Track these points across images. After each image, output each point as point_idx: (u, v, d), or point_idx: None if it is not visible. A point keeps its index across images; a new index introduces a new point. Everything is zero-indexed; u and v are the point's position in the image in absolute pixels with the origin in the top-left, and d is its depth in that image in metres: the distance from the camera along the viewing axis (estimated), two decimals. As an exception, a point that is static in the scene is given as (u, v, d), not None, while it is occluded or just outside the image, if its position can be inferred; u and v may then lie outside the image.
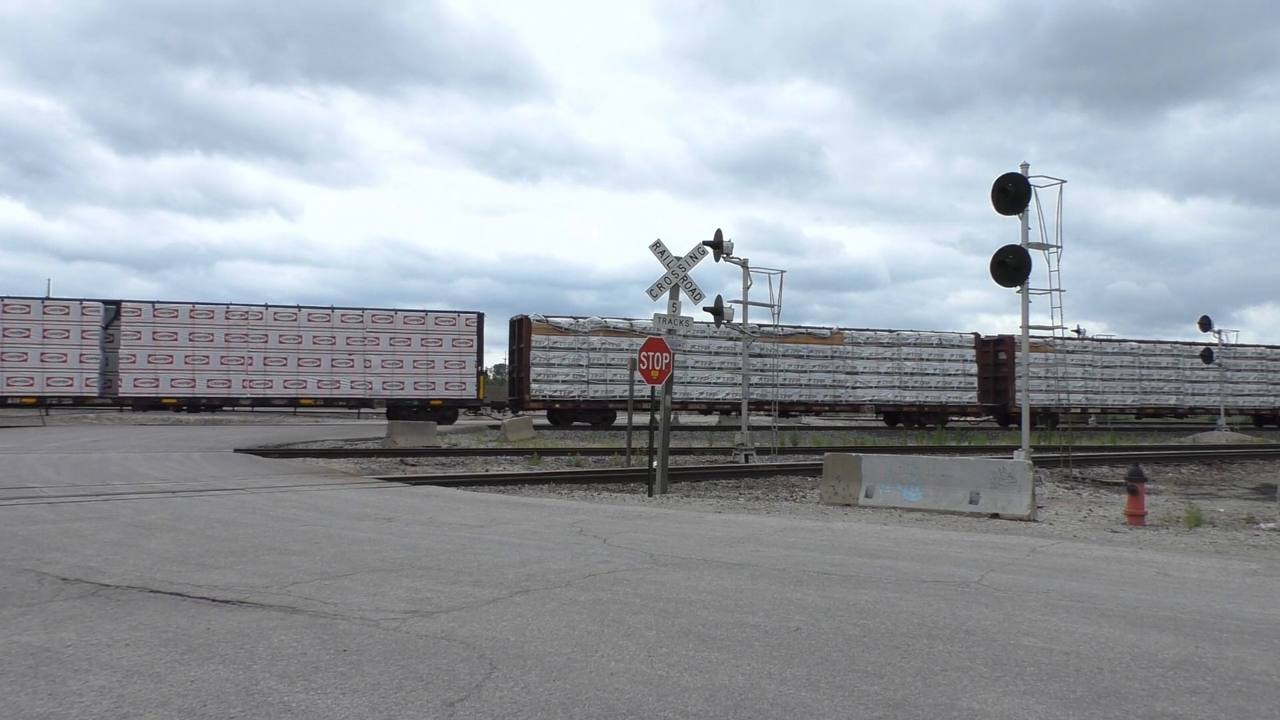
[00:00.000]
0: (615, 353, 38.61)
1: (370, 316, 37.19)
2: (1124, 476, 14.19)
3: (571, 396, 38.07)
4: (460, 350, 37.88)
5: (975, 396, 44.00)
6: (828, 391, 41.96)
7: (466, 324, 38.11)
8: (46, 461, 17.03)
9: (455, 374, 37.79)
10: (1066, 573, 7.09)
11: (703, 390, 40.19)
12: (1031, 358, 44.31)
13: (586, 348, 38.39)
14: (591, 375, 38.44)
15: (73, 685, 3.95)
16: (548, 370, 37.77)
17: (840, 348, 42.21)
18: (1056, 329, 17.47)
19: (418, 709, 3.68)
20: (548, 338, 37.87)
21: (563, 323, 38.27)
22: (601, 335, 38.71)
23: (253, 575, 6.49)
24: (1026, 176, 16.36)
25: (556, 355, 37.95)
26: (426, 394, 37.49)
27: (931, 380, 43.40)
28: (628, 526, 9.55)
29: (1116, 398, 47.14)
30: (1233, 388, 48.85)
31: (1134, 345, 48.15)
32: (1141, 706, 3.82)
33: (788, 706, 3.76)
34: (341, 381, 36.67)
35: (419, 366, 37.40)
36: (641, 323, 39.68)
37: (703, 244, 15.85)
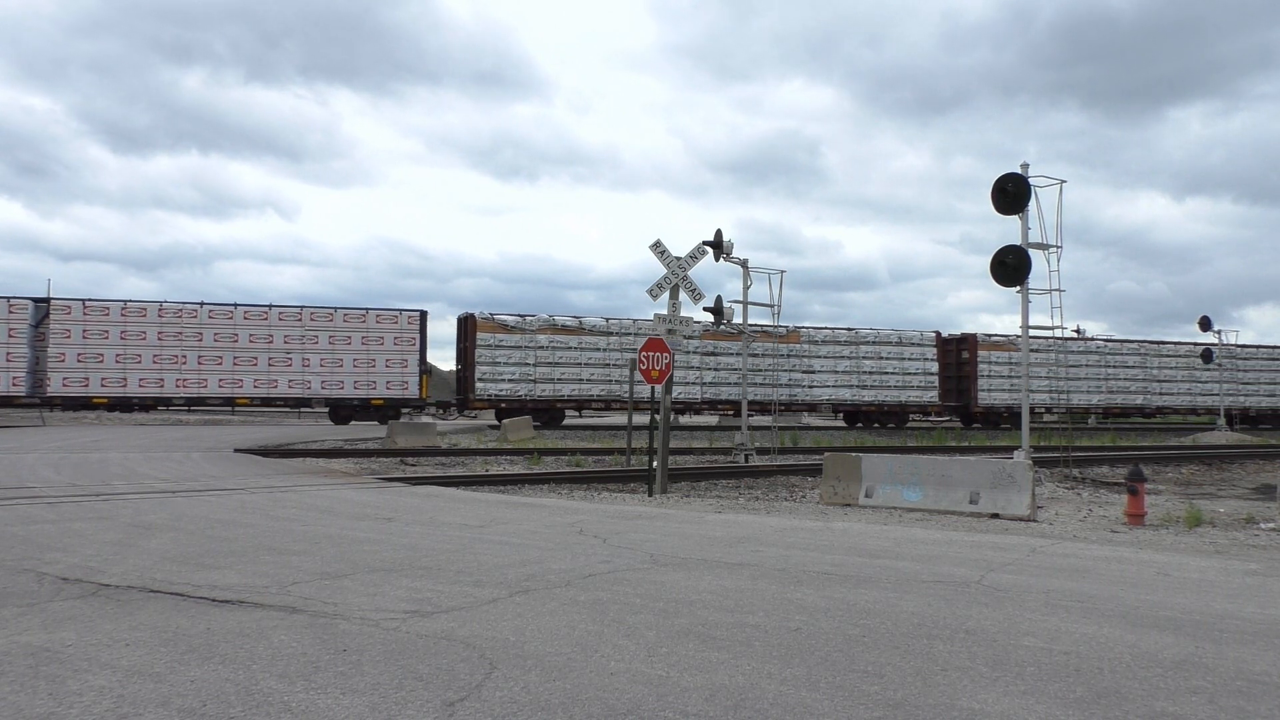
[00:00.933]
0: (564, 351, 38.11)
1: (309, 314, 36.65)
2: (1124, 476, 14.19)
3: (518, 396, 37.45)
4: (402, 349, 37.31)
5: (936, 395, 43.46)
6: (784, 390, 41.12)
7: (409, 322, 37.50)
8: (46, 461, 17.03)
9: (397, 373, 37.25)
10: (1066, 573, 7.09)
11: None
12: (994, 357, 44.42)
13: (534, 346, 37.78)
14: (539, 374, 37.79)
15: (73, 685, 3.95)
16: (493, 369, 37.21)
17: (797, 346, 41.65)
18: (1056, 329, 17.46)
19: (418, 709, 3.68)
20: (493, 336, 37.30)
21: (509, 320, 37.70)
22: (550, 333, 38.07)
23: (253, 575, 6.49)
24: (1026, 176, 16.36)
25: (503, 354, 37.36)
26: (367, 393, 36.95)
27: (891, 379, 42.89)
28: (628, 526, 9.55)
29: (1082, 397, 46.48)
30: (1201, 388, 48.26)
31: (1100, 344, 47.52)
32: (1141, 706, 3.82)
33: (788, 706, 3.76)
34: (279, 381, 36.06)
35: (360, 365, 36.88)
36: (591, 321, 38.92)
37: (703, 244, 15.86)
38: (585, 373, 38.42)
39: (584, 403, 38.70)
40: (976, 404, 43.86)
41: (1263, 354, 50.15)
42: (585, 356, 38.48)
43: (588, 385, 38.45)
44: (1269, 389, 49.90)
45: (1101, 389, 46.61)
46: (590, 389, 38.50)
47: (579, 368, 38.36)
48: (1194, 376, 47.61)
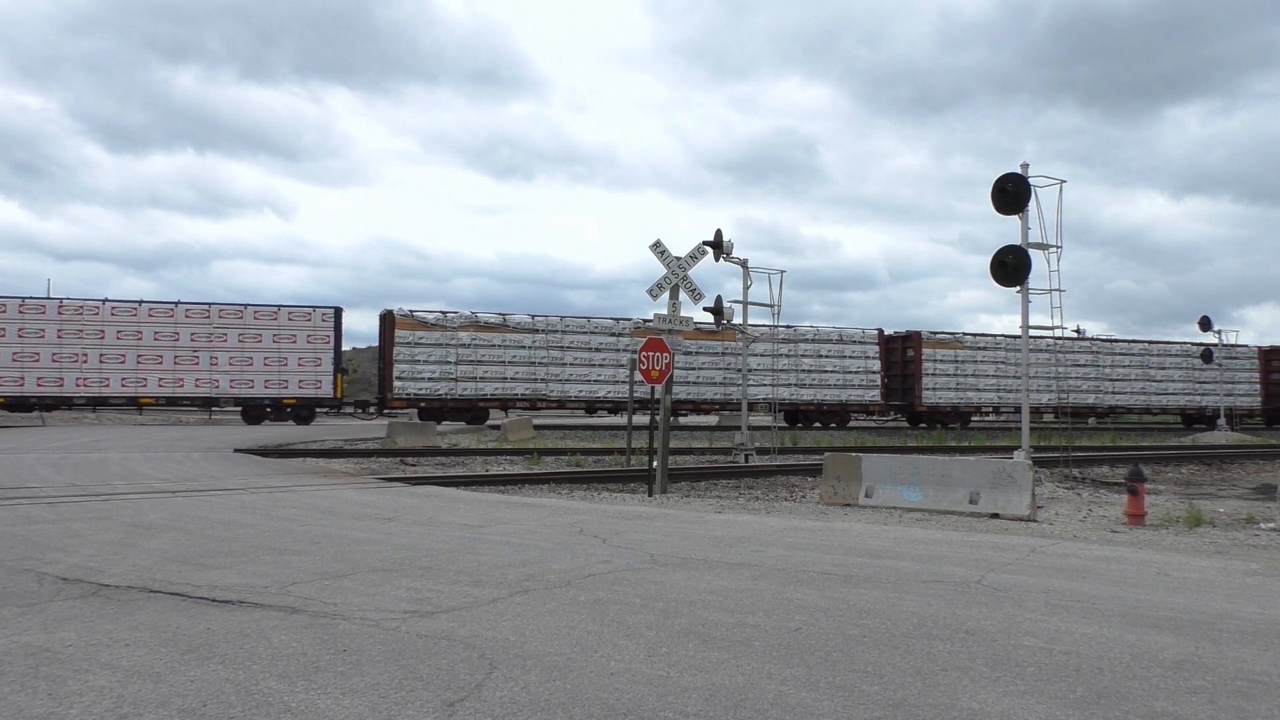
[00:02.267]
0: (487, 349, 37.37)
1: (218, 311, 36.00)
2: (1124, 476, 14.19)
3: (438, 395, 36.64)
4: (316, 347, 36.64)
5: (879, 394, 42.81)
6: (718, 389, 40.42)
7: (323, 319, 36.84)
8: (46, 461, 17.03)
9: (310, 371, 36.52)
10: (1066, 573, 7.09)
11: (582, 388, 38.65)
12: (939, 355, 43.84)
13: (455, 344, 36.98)
14: (460, 372, 36.97)
15: (73, 685, 3.95)
16: (412, 367, 36.41)
17: (732, 344, 40.33)
18: (1056, 329, 17.45)
19: (418, 709, 3.68)
20: (412, 333, 36.49)
21: (429, 317, 36.97)
22: (472, 331, 37.29)
23: (253, 575, 6.49)
24: (1026, 176, 16.36)
25: (422, 351, 36.56)
26: (279, 392, 36.31)
27: (831, 378, 42.01)
28: (628, 526, 9.55)
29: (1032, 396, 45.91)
30: (1156, 386, 47.63)
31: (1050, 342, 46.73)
32: (1141, 706, 3.82)
33: (788, 706, 3.76)
34: (185, 379, 35.39)
35: (270, 364, 36.10)
36: (515, 318, 38.07)
37: (703, 244, 15.85)
38: (510, 371, 37.70)
39: (508, 402, 37.91)
40: (921, 403, 43.04)
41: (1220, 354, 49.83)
42: (510, 355, 37.73)
43: (512, 384, 37.73)
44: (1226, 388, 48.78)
45: (1052, 388, 45.92)
46: (515, 388, 37.75)
47: (503, 366, 37.63)
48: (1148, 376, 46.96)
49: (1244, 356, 50.43)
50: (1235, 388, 49.32)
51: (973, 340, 44.31)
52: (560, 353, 38.22)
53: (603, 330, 39.06)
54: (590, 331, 38.74)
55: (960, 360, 43.57)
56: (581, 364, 38.63)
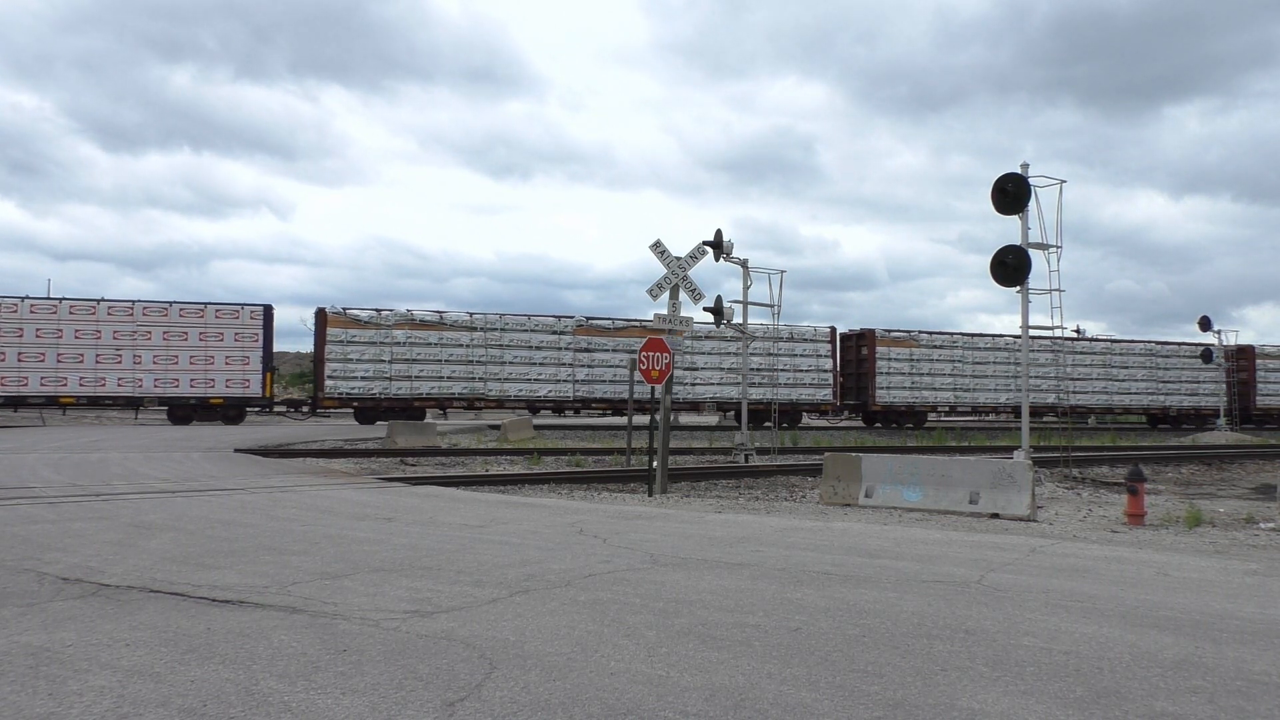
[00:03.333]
0: (423, 347, 36.62)
1: (141, 309, 34.98)
2: (1124, 476, 14.19)
3: (372, 394, 36.08)
4: (244, 345, 35.67)
5: (831, 393, 42.02)
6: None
7: (252, 317, 35.86)
8: (47, 461, 17.03)
9: (238, 371, 35.59)
10: (1066, 573, 7.09)
11: (522, 387, 37.92)
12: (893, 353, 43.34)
13: (390, 342, 36.31)
14: (395, 371, 36.32)
15: (73, 685, 3.96)
16: (344, 366, 35.74)
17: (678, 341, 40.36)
18: (1056, 329, 17.46)
19: (418, 709, 3.68)
20: (345, 331, 35.81)
21: (362, 315, 36.24)
22: (407, 329, 36.58)
23: (253, 575, 6.49)
24: (1026, 176, 16.36)
25: (355, 350, 35.89)
26: (205, 392, 35.41)
27: (781, 376, 40.87)
28: (628, 526, 9.55)
29: (989, 395, 44.75)
30: (1119, 385, 47.06)
31: (1009, 340, 45.39)
32: (1141, 706, 3.83)
33: (788, 706, 3.76)
34: (108, 379, 34.38)
35: (196, 363, 35.21)
36: (452, 316, 37.39)
37: (703, 244, 15.86)
38: (447, 370, 36.96)
39: (444, 402, 37.26)
40: (875, 402, 42.29)
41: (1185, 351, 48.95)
42: (447, 353, 37.01)
43: (449, 383, 37.00)
44: (1190, 388, 48.77)
45: (1010, 386, 45.06)
46: (452, 387, 37.02)
47: (439, 365, 36.90)
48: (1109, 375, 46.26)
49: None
50: (1200, 387, 48.82)
51: (928, 338, 43.46)
52: (500, 351, 37.56)
53: (544, 328, 38.20)
54: (531, 330, 37.96)
55: (915, 359, 42.68)
56: (522, 363, 37.92)
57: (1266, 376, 50.23)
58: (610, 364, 38.90)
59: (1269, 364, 50.42)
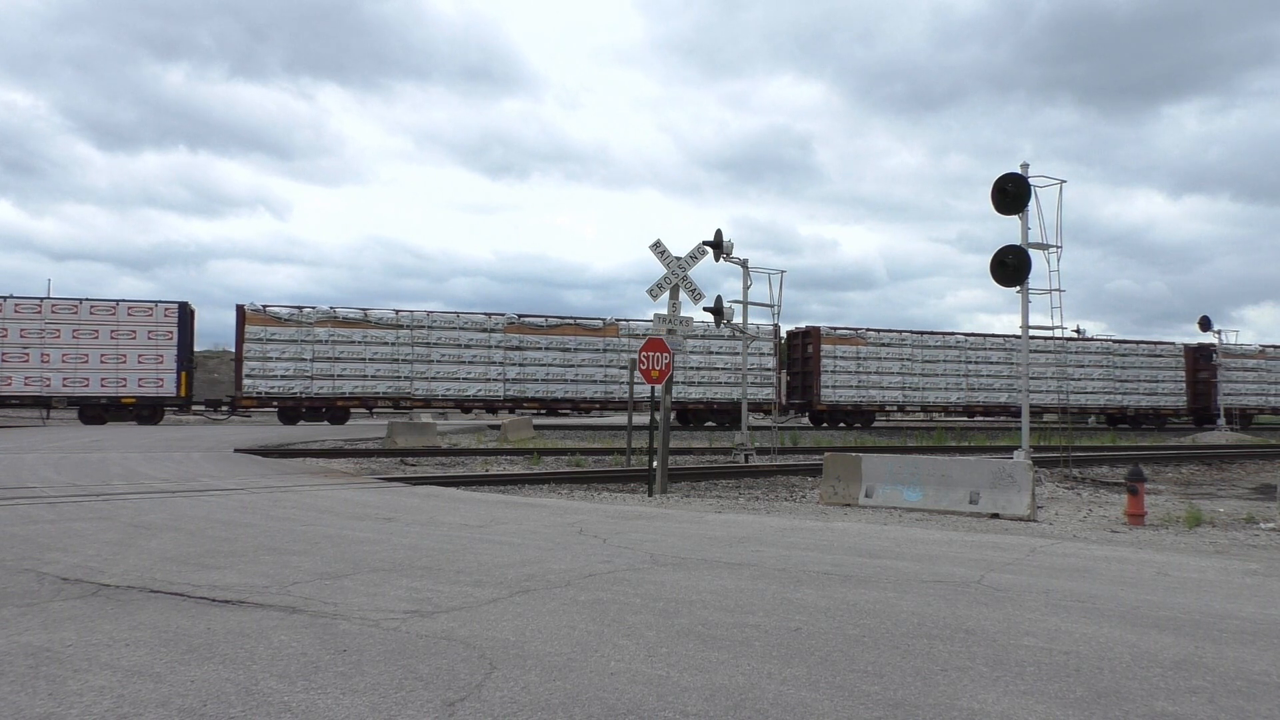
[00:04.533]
0: (346, 345, 36.24)
1: (50, 306, 34.22)
2: (1124, 476, 14.19)
3: (293, 393, 35.58)
4: (157, 344, 34.87)
5: (773, 392, 40.79)
6: (598, 387, 38.99)
7: (166, 314, 35.08)
8: (46, 461, 17.03)
9: (151, 370, 34.76)
10: (1066, 573, 7.09)
11: (450, 386, 37.40)
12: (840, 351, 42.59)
13: (311, 340, 35.82)
14: (316, 370, 35.81)
15: (73, 685, 3.95)
16: (264, 365, 35.21)
17: (615, 340, 39.18)
18: (1056, 329, 17.45)
19: (418, 709, 3.68)
20: (264, 329, 35.29)
21: (282, 312, 35.78)
22: (329, 326, 36.13)
23: (253, 575, 6.49)
24: (1026, 176, 16.36)
25: (275, 348, 35.38)
26: (117, 391, 34.53)
27: (721, 375, 40.43)
28: (628, 526, 9.55)
29: (939, 394, 44.11)
30: (1075, 384, 46.30)
31: (960, 339, 45.10)
32: (1141, 706, 3.82)
33: (788, 706, 3.76)
34: (13, 378, 33.65)
35: (108, 361, 34.31)
36: (377, 313, 36.87)
37: (703, 244, 15.85)
38: (370, 369, 36.58)
39: (368, 401, 36.85)
40: (819, 401, 41.83)
41: (1143, 350, 48.49)
42: (370, 352, 36.62)
43: (373, 382, 36.67)
44: (1149, 387, 48.16)
45: (962, 385, 44.55)
46: (376, 386, 36.68)
47: (363, 363, 36.51)
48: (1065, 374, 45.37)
49: (1169, 355, 49.22)
50: (1159, 386, 48.20)
51: (876, 336, 42.89)
52: (427, 349, 37.12)
53: (473, 326, 37.84)
54: (459, 328, 37.56)
55: (862, 357, 42.08)
56: (450, 361, 37.41)
57: (1228, 376, 49.25)
58: (543, 362, 38.39)
59: (1230, 363, 49.35)
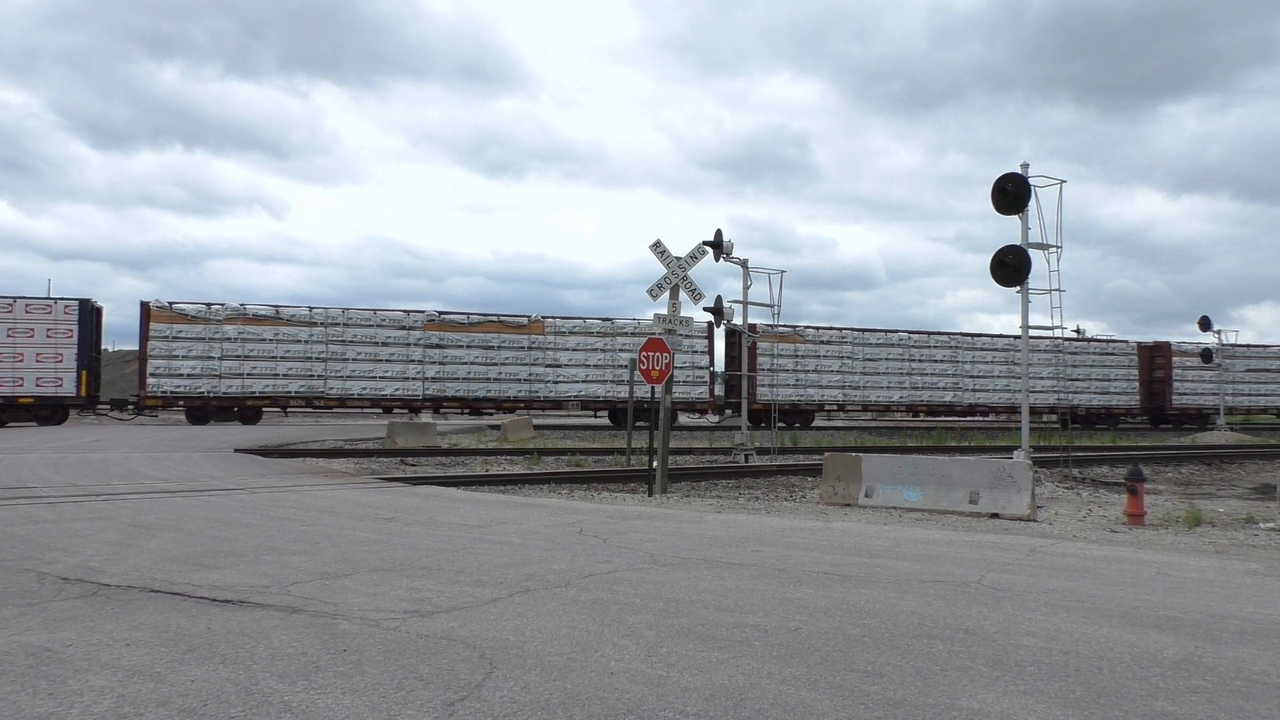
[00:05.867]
0: (256, 343, 35.53)
1: None
2: (1124, 476, 14.19)
3: (200, 392, 34.86)
4: (57, 342, 33.75)
5: (706, 391, 40.52)
6: (522, 386, 38.27)
7: (65, 312, 33.90)
8: (46, 461, 17.03)
9: (50, 369, 33.72)
10: (1066, 573, 7.09)
11: (366, 385, 36.77)
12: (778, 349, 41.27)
13: (220, 338, 35.09)
14: (225, 368, 35.07)
15: (73, 685, 3.96)
16: (169, 363, 34.52)
17: (540, 338, 38.42)
18: (1056, 329, 17.45)
19: (418, 709, 3.68)
20: (170, 326, 34.56)
21: (189, 310, 35.11)
22: (239, 324, 35.38)
23: (253, 575, 6.49)
24: (1026, 177, 16.36)
25: (181, 346, 34.69)
26: (14, 391, 33.50)
27: None
28: (628, 526, 9.55)
29: (881, 393, 43.09)
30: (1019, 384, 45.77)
31: (903, 336, 44.02)
32: (1141, 706, 3.83)
33: (788, 706, 3.76)
34: None
35: (4, 360, 33.33)
36: (289, 310, 36.23)
37: (703, 244, 15.85)
38: (283, 367, 35.78)
39: (280, 400, 36.15)
40: (756, 400, 40.44)
41: (1094, 348, 47.74)
42: (282, 349, 35.81)
43: (285, 381, 35.85)
44: (1100, 386, 47.26)
45: (905, 384, 43.56)
46: (288, 385, 35.88)
47: (274, 361, 35.72)
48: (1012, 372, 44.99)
49: (1121, 353, 48.27)
50: (1110, 385, 47.37)
51: (814, 334, 42.04)
52: (342, 347, 36.50)
53: (391, 323, 37.13)
54: (377, 325, 36.89)
55: (800, 355, 41.14)
56: (367, 359, 36.73)
57: (1184, 375, 48.54)
58: (464, 360, 37.66)
59: (1186, 362, 48.50)
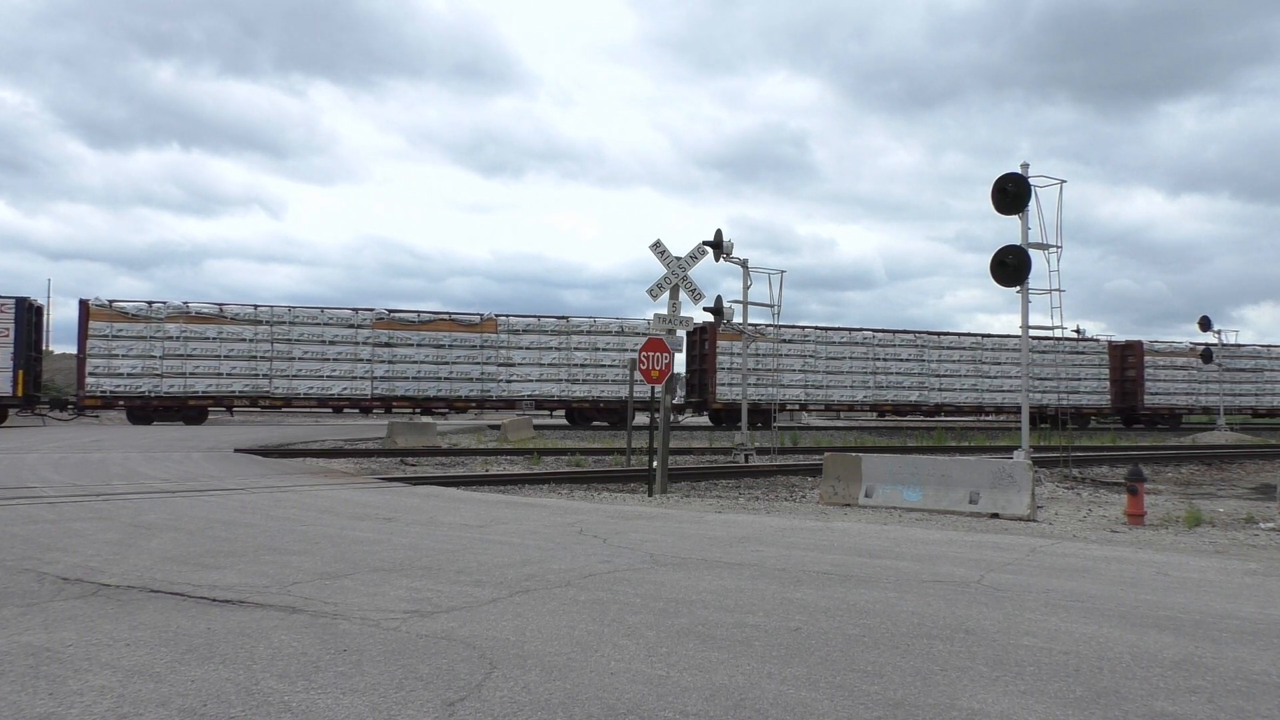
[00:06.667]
0: (199, 342, 35.17)
1: None
2: (1124, 476, 14.19)
3: (140, 392, 34.51)
4: None
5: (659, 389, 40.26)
6: (474, 385, 37.91)
7: (1, 311, 33.48)
8: (47, 461, 17.03)
9: None
10: (1066, 573, 7.09)
11: (313, 385, 36.41)
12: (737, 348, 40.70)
13: (161, 336, 34.71)
14: (166, 367, 34.70)
15: (73, 685, 3.96)
16: (109, 362, 34.10)
17: (492, 336, 38.09)
18: (1056, 329, 17.46)
19: (418, 709, 3.68)
20: (110, 325, 34.13)
21: (129, 308, 34.74)
22: (181, 322, 35.04)
23: (253, 575, 6.49)
24: (1027, 176, 16.37)
25: (121, 345, 34.27)
26: None
27: (608, 373, 38.89)
28: (628, 526, 9.55)
29: (845, 393, 42.68)
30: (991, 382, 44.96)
31: (868, 335, 43.58)
32: (1141, 706, 3.83)
33: (788, 706, 3.76)
34: None
35: None
36: (233, 309, 35.90)
37: (703, 244, 15.85)
38: (226, 366, 35.46)
39: (224, 400, 35.85)
40: (715, 399, 40.59)
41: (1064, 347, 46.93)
42: (226, 349, 35.55)
43: (229, 380, 35.46)
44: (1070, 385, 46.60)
45: (869, 384, 43.09)
46: (232, 384, 35.50)
47: (218, 360, 35.43)
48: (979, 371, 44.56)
49: (1092, 352, 47.73)
50: (1080, 385, 46.78)
51: (775, 332, 40.55)
52: (288, 346, 36.11)
53: (339, 321, 36.78)
54: (324, 323, 36.50)
55: (761, 354, 40.22)
56: (313, 358, 36.28)
57: (1156, 374, 48.03)
58: (414, 360, 37.27)
59: (1158, 361, 48.16)
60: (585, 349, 39.17)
